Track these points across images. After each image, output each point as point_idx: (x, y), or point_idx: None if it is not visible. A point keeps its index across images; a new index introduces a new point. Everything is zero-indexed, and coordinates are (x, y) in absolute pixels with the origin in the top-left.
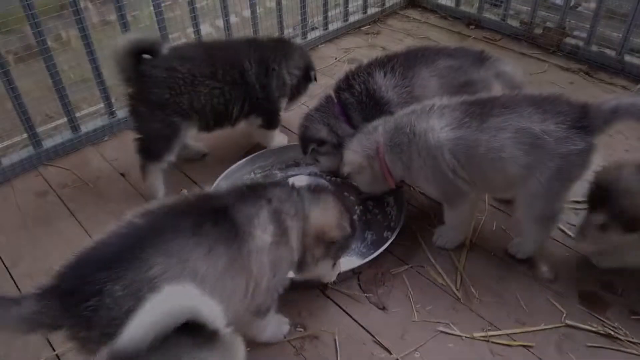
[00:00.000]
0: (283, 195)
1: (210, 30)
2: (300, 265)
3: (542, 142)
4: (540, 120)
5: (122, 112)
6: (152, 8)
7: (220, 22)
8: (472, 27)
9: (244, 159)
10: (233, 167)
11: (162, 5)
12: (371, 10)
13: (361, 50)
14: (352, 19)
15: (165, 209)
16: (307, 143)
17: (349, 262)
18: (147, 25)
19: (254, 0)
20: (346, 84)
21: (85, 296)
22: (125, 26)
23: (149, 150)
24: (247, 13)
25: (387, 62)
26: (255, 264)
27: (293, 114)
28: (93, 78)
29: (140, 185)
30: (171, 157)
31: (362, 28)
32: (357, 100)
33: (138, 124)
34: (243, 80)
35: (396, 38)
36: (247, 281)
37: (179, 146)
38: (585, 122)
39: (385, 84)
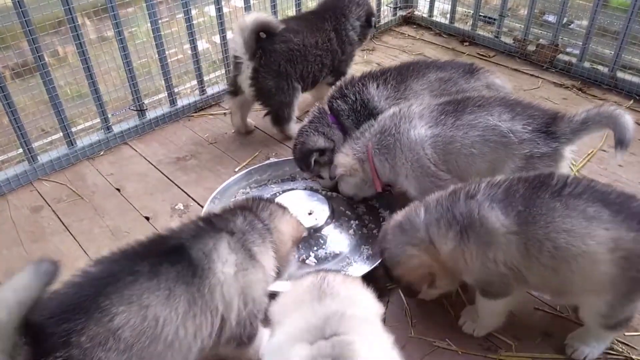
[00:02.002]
0: (245, 224)
1: (207, 46)
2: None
3: (508, 140)
4: (508, 119)
5: (117, 127)
6: (149, 24)
7: (217, 38)
8: (466, 43)
9: (240, 173)
10: (229, 181)
11: (159, 22)
12: None
13: (357, 66)
14: None
15: (119, 254)
16: (308, 155)
17: None
18: (144, 41)
19: None
20: (340, 93)
21: (53, 348)
22: (122, 42)
23: (280, 118)
24: None
25: (380, 75)
26: (221, 300)
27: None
28: (89, 93)
29: (135, 200)
30: (296, 115)
31: None
32: (350, 107)
33: (266, 96)
34: (330, 46)
35: (391, 54)
36: (212, 319)
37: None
38: (553, 128)
39: (377, 94)
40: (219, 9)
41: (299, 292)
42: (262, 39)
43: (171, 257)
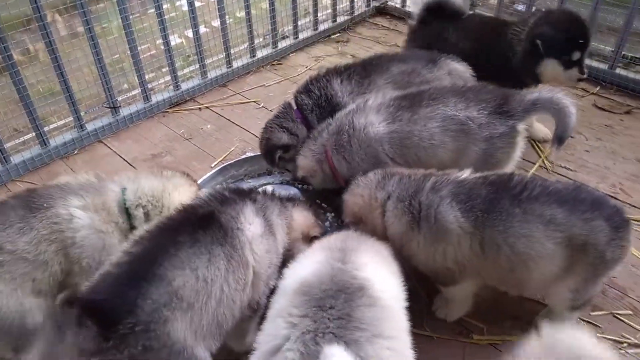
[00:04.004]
0: (266, 198)
1: (180, 40)
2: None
3: (467, 127)
4: (463, 108)
5: (91, 125)
6: (120, 20)
7: (190, 33)
8: None
9: (216, 169)
10: (205, 177)
11: (131, 17)
12: (340, 19)
13: (331, 58)
14: (322, 27)
15: (157, 230)
16: (273, 152)
17: None
18: (116, 37)
19: (224, 11)
20: (305, 88)
21: (120, 317)
22: (93, 39)
23: None
24: (216, 23)
25: (344, 70)
26: (250, 254)
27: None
28: (61, 91)
29: None
30: None
31: (332, 36)
32: (315, 103)
33: None
34: (492, 59)
35: (365, 46)
36: (246, 272)
37: None
38: (506, 107)
39: (341, 90)
40: (190, 3)
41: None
42: (437, 16)
43: (203, 224)
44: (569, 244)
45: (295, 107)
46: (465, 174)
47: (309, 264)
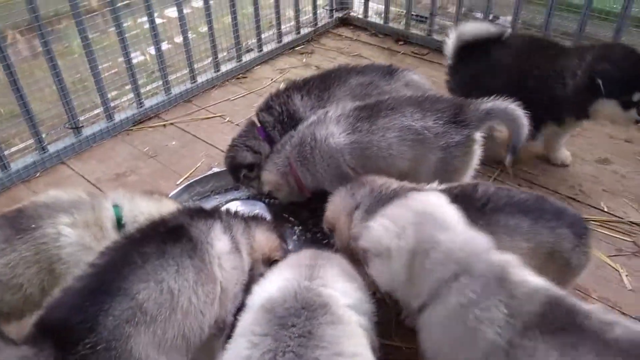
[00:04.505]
0: (230, 216)
1: (142, 57)
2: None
3: (423, 137)
4: (420, 118)
5: (53, 147)
6: (79, 40)
7: (153, 49)
8: (401, 42)
9: (182, 186)
10: (170, 195)
11: (90, 36)
12: (304, 30)
13: (296, 70)
14: (286, 39)
15: (124, 241)
16: (238, 171)
17: None
18: (75, 57)
19: (186, 27)
20: (265, 106)
21: (80, 336)
22: (52, 60)
23: None
24: (179, 39)
25: (303, 85)
26: (219, 270)
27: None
28: (21, 113)
29: None
30: None
31: (297, 48)
32: (276, 119)
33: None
34: (543, 85)
35: (329, 57)
36: (214, 287)
37: None
38: (461, 117)
39: (303, 105)
40: (152, 20)
41: (289, 260)
42: (474, 48)
43: (173, 236)
44: (535, 253)
45: (258, 125)
46: (432, 187)
47: (277, 281)
